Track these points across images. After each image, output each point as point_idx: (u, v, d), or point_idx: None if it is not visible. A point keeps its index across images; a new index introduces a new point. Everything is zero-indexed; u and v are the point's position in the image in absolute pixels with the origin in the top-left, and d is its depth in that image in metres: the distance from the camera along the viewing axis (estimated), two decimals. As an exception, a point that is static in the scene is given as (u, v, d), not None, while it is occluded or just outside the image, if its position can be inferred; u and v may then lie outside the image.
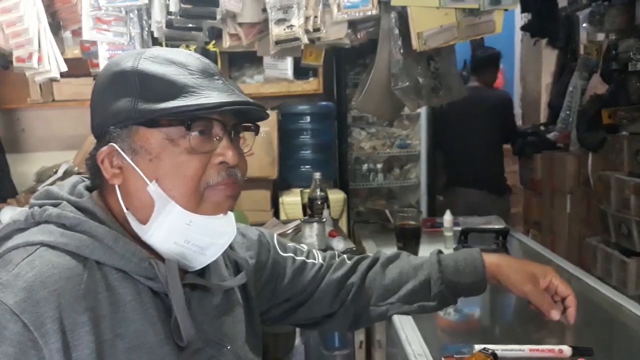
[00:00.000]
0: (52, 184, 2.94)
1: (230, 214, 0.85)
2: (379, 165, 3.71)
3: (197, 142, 0.77)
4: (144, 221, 0.79)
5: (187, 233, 0.79)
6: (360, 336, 1.74)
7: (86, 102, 2.82)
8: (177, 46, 2.06)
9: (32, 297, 0.68)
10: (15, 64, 1.57)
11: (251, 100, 0.80)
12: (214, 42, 2.18)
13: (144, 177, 0.78)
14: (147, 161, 0.78)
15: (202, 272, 0.87)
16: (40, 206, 0.80)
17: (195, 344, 0.79)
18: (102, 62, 1.67)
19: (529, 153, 4.10)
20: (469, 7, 1.64)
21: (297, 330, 1.89)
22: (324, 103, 3.10)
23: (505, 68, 4.85)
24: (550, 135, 3.99)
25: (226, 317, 0.90)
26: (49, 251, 0.73)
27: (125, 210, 0.80)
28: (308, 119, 3.01)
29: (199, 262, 0.84)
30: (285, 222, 1.89)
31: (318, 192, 1.94)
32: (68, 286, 0.71)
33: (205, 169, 0.78)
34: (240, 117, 0.82)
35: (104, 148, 0.79)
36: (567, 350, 0.96)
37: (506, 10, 1.71)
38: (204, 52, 2.30)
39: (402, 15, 1.69)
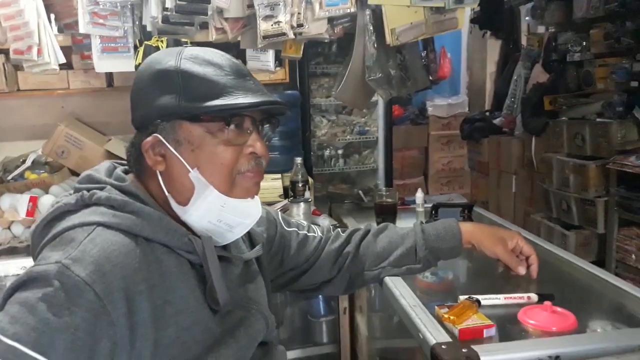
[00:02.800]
0: (22, 173, 2.95)
1: (257, 198, 0.97)
2: (340, 151, 3.86)
3: (233, 135, 0.89)
4: (183, 203, 0.91)
5: (220, 213, 0.91)
6: (344, 303, 1.91)
7: (52, 92, 2.83)
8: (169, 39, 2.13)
9: (99, 270, 0.78)
10: (12, 55, 1.63)
11: (279, 100, 0.93)
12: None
13: (186, 165, 0.89)
14: (189, 151, 0.89)
15: (224, 245, 0.99)
16: (88, 190, 0.90)
17: (225, 307, 0.91)
18: (95, 54, 1.75)
19: (476, 137, 4.38)
20: (436, 5, 1.82)
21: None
22: (290, 92, 3.22)
23: (453, 58, 5.10)
24: (497, 121, 4.26)
25: (249, 284, 1.03)
26: (105, 230, 0.84)
27: (166, 193, 0.91)
28: (276, 107, 3.11)
29: (227, 239, 0.97)
30: (270, 204, 2.03)
31: (300, 176, 2.09)
32: (127, 260, 0.81)
33: (238, 158, 0.90)
34: (265, 112, 0.94)
35: (149, 139, 0.89)
36: (534, 296, 1.16)
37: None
38: (177, 43, 2.40)
39: (376, 13, 1.85)
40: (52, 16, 1.72)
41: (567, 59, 3.26)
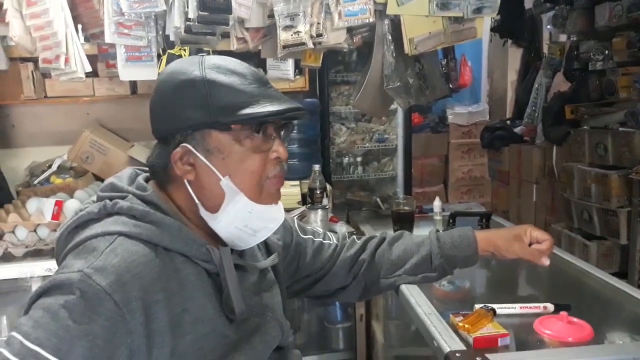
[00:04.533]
0: (47, 177, 3.03)
1: (280, 203, 0.99)
2: (359, 159, 3.88)
3: (260, 142, 0.91)
4: (213, 210, 0.92)
5: (247, 219, 0.93)
6: (360, 310, 1.92)
7: (77, 99, 2.90)
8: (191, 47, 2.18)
9: (119, 280, 0.80)
10: (41, 64, 1.69)
11: (301, 106, 0.95)
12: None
13: (217, 173, 0.90)
14: (219, 160, 0.90)
15: (240, 253, 1.00)
16: (110, 199, 0.92)
17: (240, 315, 0.92)
18: (120, 63, 1.80)
19: (497, 146, 4.35)
20: (454, 15, 1.83)
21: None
22: (309, 100, 3.25)
23: (474, 66, 5.07)
24: (517, 130, 4.23)
25: (264, 292, 1.04)
26: (127, 240, 0.85)
27: (197, 201, 0.92)
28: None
29: (249, 243, 0.98)
30: (289, 210, 2.05)
31: (318, 183, 2.10)
32: (146, 270, 0.83)
33: (265, 164, 0.92)
34: (286, 118, 0.95)
35: (178, 149, 0.90)
36: (550, 306, 1.17)
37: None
38: (199, 52, 2.45)
39: (395, 23, 1.87)
40: (79, 26, 1.77)
41: (589, 67, 3.23)
